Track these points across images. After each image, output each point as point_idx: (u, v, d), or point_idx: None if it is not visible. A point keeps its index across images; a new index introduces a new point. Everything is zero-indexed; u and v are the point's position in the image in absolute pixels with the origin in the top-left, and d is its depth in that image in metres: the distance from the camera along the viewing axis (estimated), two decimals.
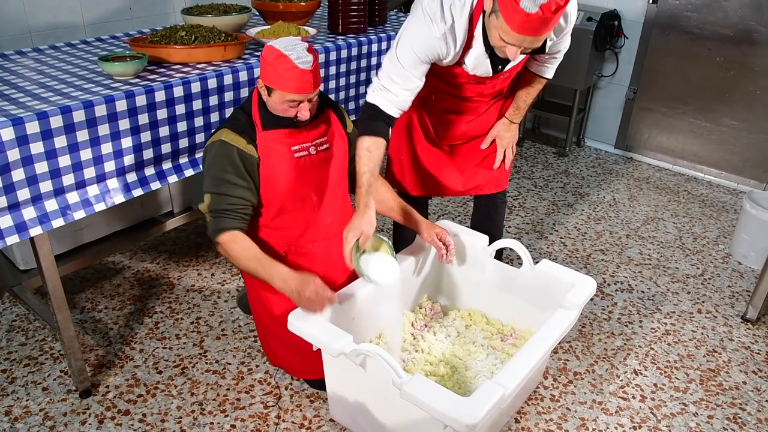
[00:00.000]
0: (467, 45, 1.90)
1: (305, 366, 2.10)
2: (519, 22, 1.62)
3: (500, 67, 2.01)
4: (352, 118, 2.58)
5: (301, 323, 1.79)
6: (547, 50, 1.98)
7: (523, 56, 1.96)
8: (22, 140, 1.74)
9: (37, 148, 1.78)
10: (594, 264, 3.11)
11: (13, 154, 1.74)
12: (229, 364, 2.36)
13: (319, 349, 1.84)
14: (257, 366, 2.35)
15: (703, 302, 2.86)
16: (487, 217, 2.54)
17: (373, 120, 1.92)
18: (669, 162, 4.30)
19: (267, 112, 1.90)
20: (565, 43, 2.11)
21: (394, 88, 1.90)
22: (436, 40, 1.83)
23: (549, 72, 2.22)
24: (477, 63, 1.96)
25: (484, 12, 1.81)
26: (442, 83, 2.14)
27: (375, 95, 1.93)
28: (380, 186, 2.16)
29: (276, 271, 1.83)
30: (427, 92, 2.21)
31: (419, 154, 2.36)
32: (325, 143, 2.00)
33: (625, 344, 2.56)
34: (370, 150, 1.89)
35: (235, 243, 1.87)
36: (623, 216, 3.61)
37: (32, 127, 1.75)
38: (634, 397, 2.29)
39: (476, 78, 2.05)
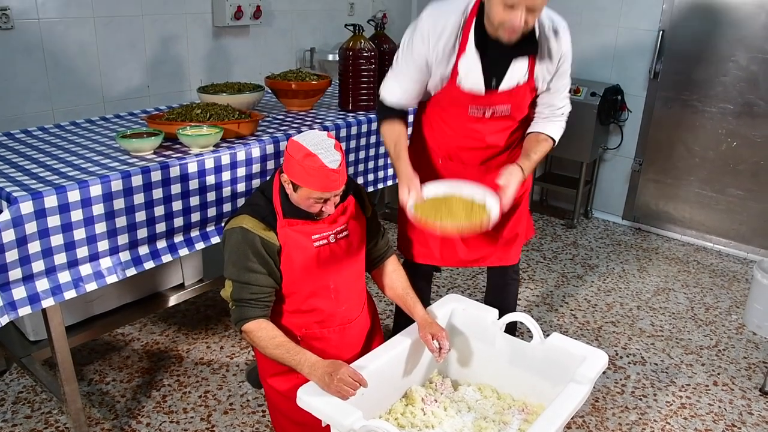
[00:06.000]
0: (460, 50, 2.03)
1: None
2: None
3: (494, 81, 2.08)
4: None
5: (310, 398, 1.77)
6: (546, 87, 2.13)
7: (521, 77, 2.07)
8: (40, 213, 1.79)
9: (53, 221, 1.82)
10: (605, 336, 3.08)
11: (31, 227, 1.78)
12: None
13: (328, 426, 1.81)
14: None
15: (718, 374, 2.81)
16: (498, 294, 2.54)
17: (385, 109, 2.20)
18: (677, 232, 4.31)
19: (289, 201, 1.90)
20: (565, 100, 2.20)
21: (393, 85, 2.17)
22: (421, 41, 2.04)
23: (552, 131, 2.21)
24: (469, 69, 2.05)
25: (479, 12, 1.96)
26: (445, 133, 2.24)
27: (381, 89, 2.21)
28: (392, 272, 2.17)
29: (304, 358, 1.82)
30: (432, 156, 2.30)
31: None
32: (345, 230, 1.99)
33: (640, 419, 2.50)
34: (388, 130, 2.18)
35: (261, 332, 1.86)
36: (633, 287, 3.59)
37: (50, 201, 1.80)
38: None
39: (473, 99, 2.11)
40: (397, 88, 2.16)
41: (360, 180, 2.82)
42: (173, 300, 2.60)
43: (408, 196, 2.03)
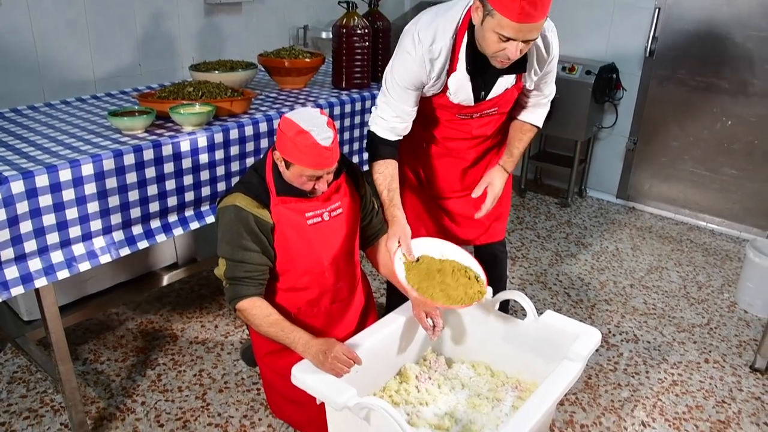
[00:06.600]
0: (451, 68, 2.00)
1: (309, 421, 2.08)
2: (517, 10, 1.69)
3: (483, 93, 2.08)
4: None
5: (304, 376, 1.78)
6: (533, 86, 2.13)
7: (509, 84, 2.07)
8: (31, 193, 1.77)
9: (45, 200, 1.81)
10: (598, 314, 3.10)
11: (22, 207, 1.76)
12: (232, 417, 2.33)
13: (322, 403, 1.82)
14: (260, 419, 2.32)
15: (710, 352, 2.83)
16: (488, 268, 2.54)
17: (377, 146, 2.12)
18: (671, 211, 4.32)
19: (282, 179, 1.88)
20: (551, 87, 2.21)
21: (387, 115, 2.07)
22: (415, 65, 1.96)
23: (537, 119, 2.27)
24: (459, 86, 2.03)
25: (469, 29, 1.91)
26: (431, 125, 2.23)
27: (372, 123, 2.13)
28: (386, 250, 2.16)
29: (298, 336, 1.83)
30: (417, 140, 2.28)
31: (413, 204, 2.39)
32: (339, 208, 1.99)
33: (632, 395, 2.52)
34: (381, 171, 2.09)
35: (255, 309, 1.86)
36: (627, 265, 3.61)
37: (41, 180, 1.78)
38: None
39: (461, 109, 2.11)
40: (392, 117, 2.07)
41: (355, 159, 2.80)
42: (167, 279, 2.60)
43: (396, 248, 2.02)
